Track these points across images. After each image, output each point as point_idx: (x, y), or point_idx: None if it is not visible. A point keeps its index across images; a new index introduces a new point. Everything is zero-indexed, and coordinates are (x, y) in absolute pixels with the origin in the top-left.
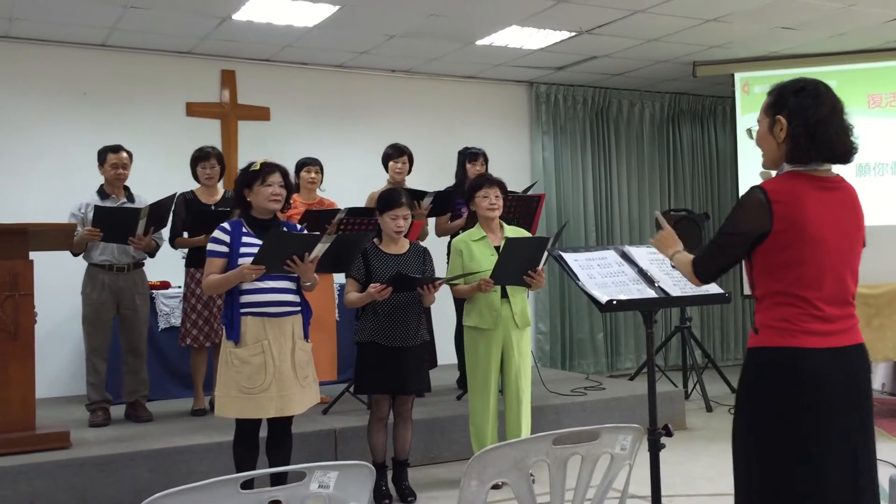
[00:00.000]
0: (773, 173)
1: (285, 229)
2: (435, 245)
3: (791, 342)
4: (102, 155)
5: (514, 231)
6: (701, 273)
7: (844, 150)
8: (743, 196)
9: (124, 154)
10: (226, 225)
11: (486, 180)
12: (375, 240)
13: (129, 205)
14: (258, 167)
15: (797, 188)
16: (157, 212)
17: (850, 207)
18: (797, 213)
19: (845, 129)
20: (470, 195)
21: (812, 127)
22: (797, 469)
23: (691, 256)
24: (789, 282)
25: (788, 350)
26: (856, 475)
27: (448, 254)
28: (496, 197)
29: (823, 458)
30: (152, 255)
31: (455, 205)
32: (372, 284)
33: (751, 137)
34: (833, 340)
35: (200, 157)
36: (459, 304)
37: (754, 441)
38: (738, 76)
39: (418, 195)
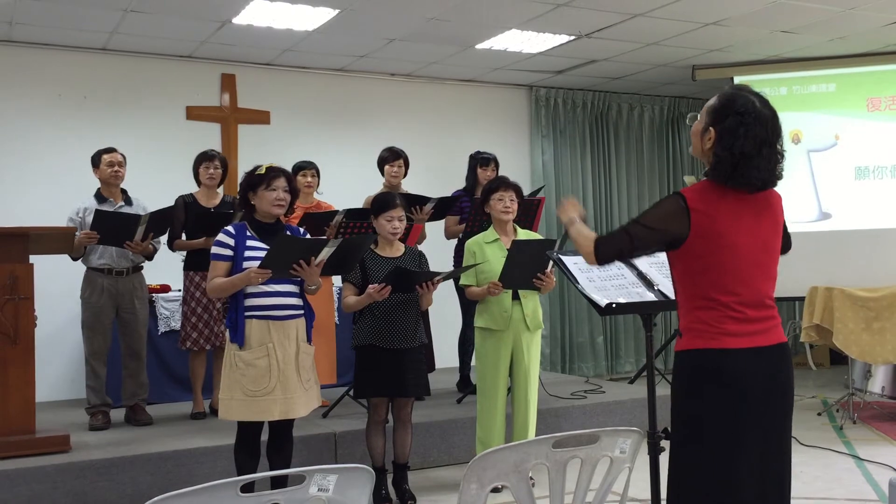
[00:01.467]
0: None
1: (288, 233)
2: (435, 248)
3: (713, 344)
4: (96, 158)
5: (527, 235)
6: (601, 253)
7: (764, 182)
8: (663, 198)
9: (118, 154)
10: (230, 228)
11: (503, 183)
12: (371, 244)
13: (126, 208)
14: (264, 171)
15: (716, 198)
16: (158, 220)
17: (768, 213)
18: (713, 221)
19: (770, 162)
20: (485, 197)
21: (736, 157)
22: (716, 461)
23: (593, 233)
24: (707, 286)
25: (711, 351)
26: (766, 466)
27: (454, 256)
28: (511, 200)
29: (741, 451)
30: (150, 259)
31: (463, 206)
32: (371, 285)
33: (689, 124)
34: (753, 340)
35: (204, 158)
36: (465, 307)
37: (685, 437)
38: (737, 80)
39: (420, 200)
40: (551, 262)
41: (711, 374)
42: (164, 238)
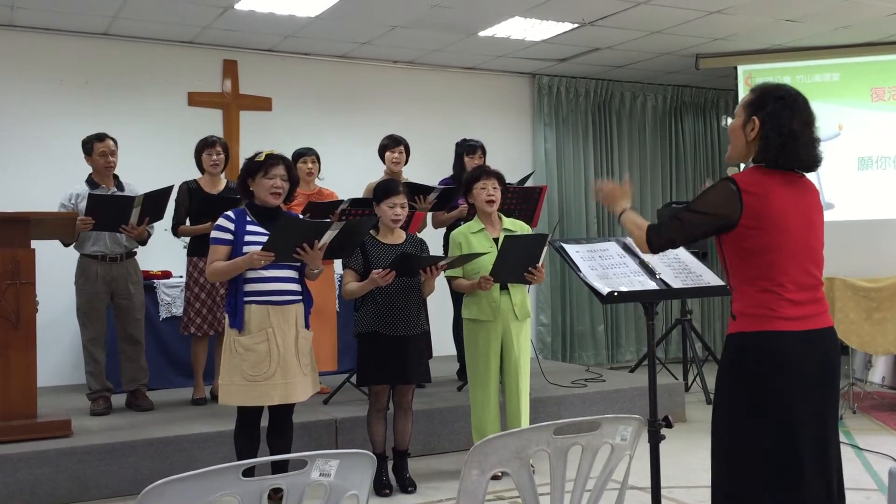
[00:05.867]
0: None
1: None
2: (434, 237)
3: (767, 327)
4: (88, 145)
5: (512, 223)
6: (654, 241)
7: (810, 162)
8: (714, 184)
9: (110, 141)
10: (230, 213)
11: (484, 172)
12: (372, 231)
13: (123, 194)
14: (262, 158)
15: (765, 180)
16: (153, 202)
17: (811, 198)
18: (765, 203)
19: (812, 143)
20: (468, 187)
21: (784, 136)
22: (770, 447)
23: (645, 221)
24: (761, 269)
25: (765, 334)
26: (826, 454)
27: (445, 245)
28: (494, 188)
29: (796, 437)
30: (143, 244)
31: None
32: (374, 270)
33: (725, 125)
34: (805, 324)
35: (206, 145)
36: (457, 295)
37: (731, 422)
38: (741, 69)
39: (424, 189)
40: (542, 257)
41: (766, 358)
42: (158, 223)
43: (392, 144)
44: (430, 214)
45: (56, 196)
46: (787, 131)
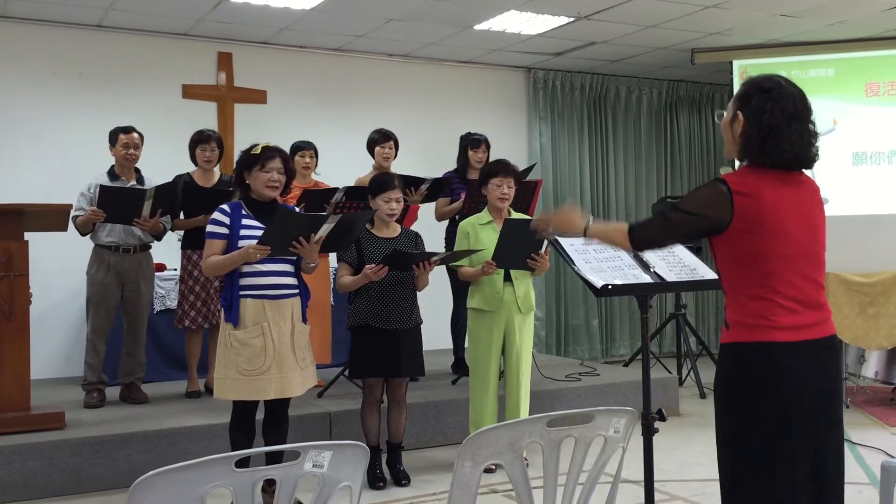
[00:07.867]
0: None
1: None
2: (425, 230)
3: (762, 337)
4: (114, 136)
5: (519, 217)
6: (639, 239)
7: (799, 159)
8: (703, 184)
9: (135, 135)
10: (225, 207)
11: (504, 168)
12: (367, 224)
13: (137, 187)
14: (259, 151)
15: (758, 181)
16: (165, 194)
17: (811, 200)
18: (758, 205)
19: (802, 138)
20: (485, 179)
21: (764, 132)
22: (771, 464)
23: (622, 224)
24: (755, 275)
25: (759, 345)
26: (823, 468)
27: (447, 237)
28: (509, 187)
29: (795, 451)
30: (159, 239)
31: (453, 188)
32: (367, 265)
33: (718, 122)
34: (803, 333)
35: (201, 140)
36: (456, 288)
37: (730, 436)
38: (736, 64)
39: (414, 182)
40: (545, 243)
41: (760, 370)
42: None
43: (382, 139)
44: (426, 206)
45: (50, 187)
46: (766, 126)
